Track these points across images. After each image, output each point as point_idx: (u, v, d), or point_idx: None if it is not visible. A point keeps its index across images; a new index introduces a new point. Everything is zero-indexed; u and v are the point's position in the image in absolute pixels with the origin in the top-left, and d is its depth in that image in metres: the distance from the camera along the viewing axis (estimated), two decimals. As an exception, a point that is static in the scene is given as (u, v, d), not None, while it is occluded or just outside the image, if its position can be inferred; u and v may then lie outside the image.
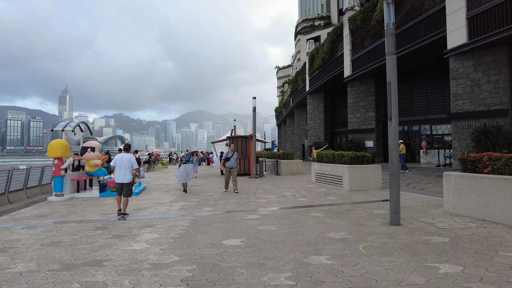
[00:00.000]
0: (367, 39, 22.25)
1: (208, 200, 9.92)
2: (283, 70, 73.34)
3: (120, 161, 7.81)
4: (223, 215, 7.57)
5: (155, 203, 9.53)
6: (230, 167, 11.91)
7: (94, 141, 12.72)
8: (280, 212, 7.84)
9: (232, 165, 11.94)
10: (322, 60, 28.91)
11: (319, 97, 33.48)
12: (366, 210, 7.96)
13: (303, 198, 10.05)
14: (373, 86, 23.86)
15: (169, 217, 7.41)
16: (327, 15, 59.63)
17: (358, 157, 11.94)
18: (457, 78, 14.87)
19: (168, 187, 13.80)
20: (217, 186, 14.16)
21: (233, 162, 11.96)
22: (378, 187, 11.94)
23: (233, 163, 11.96)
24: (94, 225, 6.74)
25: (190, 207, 8.71)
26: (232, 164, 11.95)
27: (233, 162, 11.96)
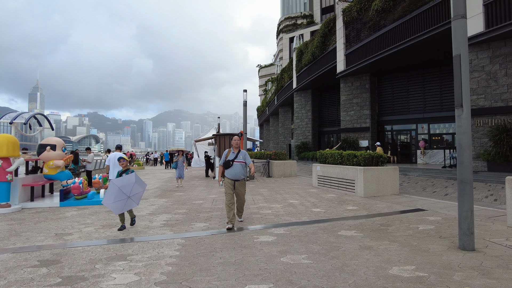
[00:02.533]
0: (364, 31, 20.79)
1: (198, 212, 7.89)
2: (265, 69, 71.71)
3: (114, 160, 8.91)
4: (224, 236, 5.59)
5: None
6: (235, 178, 6.26)
7: (55, 138, 10.38)
8: (299, 229, 5.95)
9: (237, 174, 6.27)
10: (312, 55, 27.32)
11: (306, 94, 31.95)
12: (407, 225, 6.21)
13: (315, 207, 8.21)
14: (368, 82, 22.47)
15: (151, 240, 5.36)
16: (309, 14, 58.57)
17: (373, 157, 10.25)
18: (471, 71, 13.52)
19: (146, 193, 11.62)
20: (204, 191, 12.10)
21: (239, 169, 6.29)
22: (395, 192, 10.30)
23: (240, 170, 6.31)
24: (39, 256, 4.60)
25: (177, 223, 6.67)
26: (238, 173, 6.28)
27: (239, 170, 6.29)
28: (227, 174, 6.29)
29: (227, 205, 6.07)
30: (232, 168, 6.24)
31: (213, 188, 13.09)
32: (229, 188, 6.23)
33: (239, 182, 6.30)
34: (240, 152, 6.38)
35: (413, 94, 22.04)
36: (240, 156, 6.33)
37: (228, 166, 6.25)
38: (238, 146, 6.46)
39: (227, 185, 6.26)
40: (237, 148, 6.46)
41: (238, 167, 6.27)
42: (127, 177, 6.01)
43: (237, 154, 6.35)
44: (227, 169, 6.28)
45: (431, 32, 15.52)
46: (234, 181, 6.25)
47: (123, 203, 5.91)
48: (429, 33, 15.62)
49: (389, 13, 18.39)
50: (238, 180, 6.28)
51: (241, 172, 6.29)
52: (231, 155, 6.36)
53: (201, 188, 13.15)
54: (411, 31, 16.82)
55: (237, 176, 6.25)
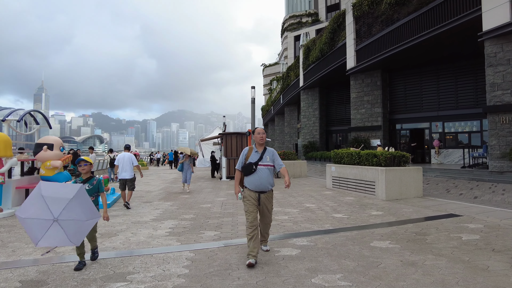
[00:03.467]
0: (376, 26, 19.95)
1: (207, 218, 7.15)
2: (269, 68, 70.95)
3: (122, 160, 8.88)
4: (239, 249, 4.84)
5: (132, 223, 6.68)
6: (260, 189, 4.31)
7: (53, 136, 9.69)
8: (325, 240, 5.19)
9: (263, 183, 4.30)
10: (320, 51, 26.50)
11: (314, 93, 31.13)
12: (446, 234, 5.43)
13: (336, 212, 7.44)
14: (380, 79, 21.62)
15: (155, 254, 4.62)
16: (314, 12, 57.78)
17: (395, 157, 9.46)
18: (495, 65, 12.67)
19: (150, 196, 10.91)
20: (211, 193, 11.37)
21: (266, 176, 4.32)
22: (419, 195, 9.50)
23: (267, 178, 4.34)
24: (23, 275, 3.88)
25: (184, 231, 5.93)
26: (264, 182, 4.31)
27: (266, 177, 4.32)
28: (248, 184, 4.29)
29: (249, 229, 4.13)
30: (256, 175, 4.24)
31: (220, 190, 12.36)
32: (251, 204, 4.23)
33: (265, 195, 4.33)
34: (266, 150, 4.40)
35: (426, 91, 21.16)
36: (267, 157, 4.36)
37: (249, 171, 4.26)
38: (264, 142, 4.45)
39: (248, 199, 4.25)
40: (262, 146, 4.44)
41: (265, 173, 4.28)
42: (64, 186, 3.50)
43: (263, 153, 4.37)
44: (248, 176, 4.28)
45: (449, 25, 14.68)
46: (259, 193, 4.28)
47: (42, 227, 3.25)
48: (447, 26, 14.78)
49: (403, 6, 17.56)
50: (265, 191, 4.31)
51: (268, 180, 4.31)
52: (254, 156, 4.35)
53: (208, 190, 12.43)
54: (427, 25, 15.98)
55: (263, 186, 4.26)
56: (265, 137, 4.44)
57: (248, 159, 4.38)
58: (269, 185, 4.34)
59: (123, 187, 8.83)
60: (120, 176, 8.83)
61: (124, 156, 8.99)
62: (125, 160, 8.88)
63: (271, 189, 4.43)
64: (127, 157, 8.92)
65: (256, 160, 4.31)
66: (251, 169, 4.28)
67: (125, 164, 8.84)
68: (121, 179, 8.82)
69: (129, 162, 8.89)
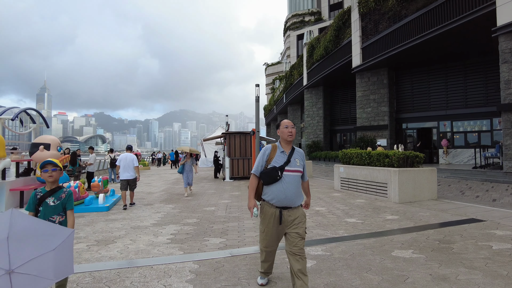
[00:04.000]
0: (382, 22, 19.46)
1: (211, 222, 6.71)
2: (272, 67, 70.47)
3: (124, 161, 8.83)
4: (248, 259, 4.39)
5: (132, 228, 6.25)
6: (285, 204, 3.09)
7: (50, 136, 9.29)
8: (341, 249, 4.74)
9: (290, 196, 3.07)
10: (324, 49, 26.02)
11: (318, 92, 30.65)
12: (472, 242, 4.97)
13: (349, 217, 6.99)
14: (386, 77, 21.12)
15: (155, 265, 4.19)
16: (317, 11, 57.28)
17: (408, 157, 8.99)
18: (510, 61, 12.17)
19: (151, 197, 10.49)
20: (215, 195, 10.94)
21: (294, 185, 3.10)
22: (433, 197, 9.03)
23: (296, 188, 3.12)
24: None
25: (187, 238, 5.50)
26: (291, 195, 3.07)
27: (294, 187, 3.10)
28: (269, 195, 3.10)
29: (264, 252, 3.30)
30: (281, 184, 3.04)
31: (224, 191, 11.93)
32: (272, 225, 3.10)
33: (291, 212, 3.07)
34: (294, 151, 3.20)
35: (434, 90, 20.66)
36: (297, 160, 3.16)
37: (273, 179, 3.05)
38: (293, 139, 3.23)
39: (267, 218, 3.11)
40: (289, 144, 3.23)
41: (293, 181, 3.08)
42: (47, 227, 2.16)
43: (291, 155, 3.15)
44: (270, 186, 3.09)
45: (460, 20, 14.17)
46: (281, 209, 3.06)
47: None
48: (458, 22, 14.27)
49: (412, 1, 17.07)
50: (291, 207, 3.08)
51: (297, 191, 3.10)
52: (279, 157, 3.13)
53: (211, 191, 11.99)
54: (437, 21, 15.48)
55: (289, 200, 3.05)
56: (294, 132, 3.22)
57: (271, 161, 3.12)
58: (298, 198, 3.11)
59: (125, 187, 8.78)
60: (122, 177, 8.78)
61: (126, 156, 8.95)
62: (128, 161, 8.87)
63: (300, 204, 3.21)
64: (129, 158, 8.91)
65: (283, 163, 3.08)
66: (276, 176, 3.04)
67: (127, 165, 8.82)
68: (123, 179, 8.77)
69: (131, 163, 8.89)
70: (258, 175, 3.21)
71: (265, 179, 3.11)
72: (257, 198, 3.26)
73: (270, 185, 3.10)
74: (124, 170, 8.82)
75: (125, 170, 8.81)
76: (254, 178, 3.23)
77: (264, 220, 3.17)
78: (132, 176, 8.87)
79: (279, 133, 3.26)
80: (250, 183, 3.25)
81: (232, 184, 14.48)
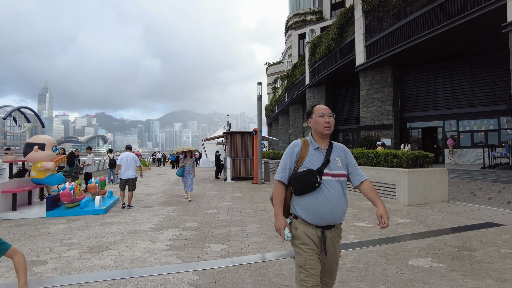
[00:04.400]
0: (387, 20, 19.08)
1: (212, 226, 6.35)
2: (273, 67, 70.15)
3: (126, 160, 8.71)
4: (252, 269, 4.03)
5: (128, 233, 5.90)
6: (328, 222, 2.21)
7: (44, 135, 8.95)
8: (353, 257, 4.38)
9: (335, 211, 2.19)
10: (327, 48, 25.64)
11: (320, 91, 30.27)
12: (494, 249, 4.59)
13: (357, 220, 6.62)
14: (390, 75, 20.74)
15: (150, 275, 3.83)
16: (319, 10, 56.92)
17: (418, 157, 8.62)
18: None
19: (150, 199, 10.14)
20: (216, 196, 10.59)
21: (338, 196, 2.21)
22: (443, 199, 8.65)
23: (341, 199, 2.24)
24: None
25: (187, 244, 5.14)
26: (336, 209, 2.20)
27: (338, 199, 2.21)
28: (305, 211, 2.23)
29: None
30: (322, 194, 2.20)
31: (225, 192, 11.58)
32: (312, 253, 2.20)
33: (334, 233, 2.29)
34: (333, 147, 2.38)
35: (439, 88, 20.26)
36: (337, 159, 2.33)
37: (310, 186, 2.20)
38: (332, 130, 2.37)
39: (305, 243, 2.21)
40: (326, 139, 2.40)
41: (336, 190, 2.25)
42: None
43: (329, 152, 2.32)
44: (305, 196, 2.23)
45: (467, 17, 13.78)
46: (323, 228, 2.22)
47: None
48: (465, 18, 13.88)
49: (417, -3, 16.68)
50: (334, 226, 2.27)
51: (342, 203, 2.26)
52: (315, 156, 2.30)
53: (212, 192, 11.64)
54: (443, 17, 15.08)
55: (333, 216, 2.22)
56: (333, 123, 2.35)
57: (303, 162, 2.25)
58: (344, 213, 2.28)
59: (124, 187, 8.70)
60: (123, 176, 8.70)
61: (127, 156, 8.85)
62: (129, 160, 8.79)
63: (339, 223, 2.31)
64: (130, 157, 8.83)
65: (320, 165, 2.23)
66: (314, 183, 2.17)
67: (129, 164, 8.75)
68: (123, 179, 8.69)
69: (133, 162, 8.84)
70: (287, 182, 2.29)
71: (298, 187, 2.20)
72: (287, 212, 2.33)
73: (305, 195, 2.21)
74: (126, 169, 8.71)
75: (126, 169, 8.71)
76: (281, 186, 2.30)
77: (300, 245, 2.19)
78: (133, 175, 8.77)
79: (311, 123, 2.41)
80: (274, 194, 2.31)
81: (233, 185, 14.13)
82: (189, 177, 10.00)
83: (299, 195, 2.23)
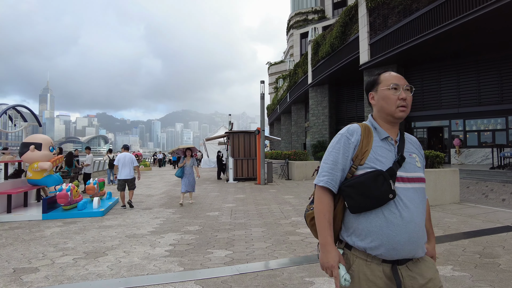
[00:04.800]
0: (392, 17, 18.73)
1: (215, 230, 6.04)
2: (275, 66, 69.85)
3: (123, 160, 8.55)
4: (260, 278, 3.71)
5: (127, 237, 5.60)
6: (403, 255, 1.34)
7: (41, 135, 8.67)
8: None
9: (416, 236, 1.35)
10: (330, 46, 25.30)
11: (323, 90, 29.93)
12: (519, 256, 4.27)
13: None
14: (395, 74, 20.34)
15: (150, 286, 3.52)
16: (321, 9, 56.57)
17: (428, 157, 8.29)
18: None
19: (150, 201, 9.85)
20: (218, 198, 10.28)
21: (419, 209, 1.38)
22: (455, 201, 8.32)
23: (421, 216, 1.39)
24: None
25: (188, 249, 4.83)
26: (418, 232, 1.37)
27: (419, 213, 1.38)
28: (368, 238, 1.36)
29: None
30: (397, 210, 1.35)
31: (228, 193, 11.27)
32: None
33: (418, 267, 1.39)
34: (405, 138, 1.54)
35: (445, 87, 19.89)
36: (414, 155, 1.50)
37: (380, 198, 1.34)
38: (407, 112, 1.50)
39: None
40: (396, 125, 1.54)
41: (416, 203, 1.40)
42: None
43: (401, 144, 1.48)
44: (367, 215, 1.37)
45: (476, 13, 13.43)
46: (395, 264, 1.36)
47: None
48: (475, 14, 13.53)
49: (423, -6, 16.33)
50: (413, 258, 1.39)
51: (421, 224, 1.39)
52: (383, 149, 1.45)
53: (214, 193, 11.33)
54: (450, 14, 14.73)
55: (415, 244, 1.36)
56: (410, 101, 1.53)
57: (366, 158, 1.42)
58: (424, 238, 1.43)
59: (123, 187, 8.58)
60: (120, 177, 8.56)
61: (125, 156, 8.72)
62: (126, 160, 8.64)
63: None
64: (128, 157, 8.70)
65: (391, 164, 1.42)
66: (386, 194, 1.35)
67: (126, 164, 8.61)
68: (121, 179, 8.56)
69: (130, 162, 8.69)
70: (336, 190, 1.45)
71: (358, 200, 1.38)
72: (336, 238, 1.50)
73: (368, 212, 1.38)
74: (123, 170, 8.57)
75: (124, 170, 8.57)
76: (327, 197, 1.44)
77: None
78: (131, 175, 8.65)
79: (375, 99, 1.57)
80: (318, 209, 1.44)
81: (236, 185, 13.82)
82: (189, 178, 9.10)
83: (358, 212, 1.39)
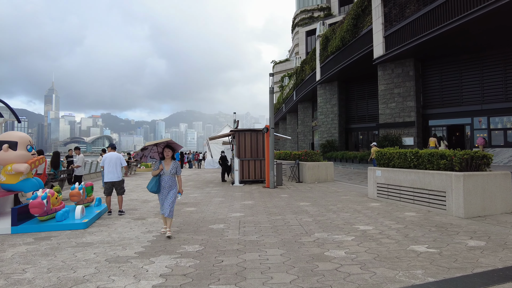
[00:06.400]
0: (410, 6, 17.37)
1: (220, 252, 4.74)
2: (280, 65, 68.58)
3: (109, 161, 7.84)
4: None
5: (107, 261, 4.31)
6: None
7: (17, 132, 7.44)
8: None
9: None
10: (341, 40, 23.96)
11: (332, 87, 28.60)
12: None
13: (414, 243, 4.95)
14: (412, 69, 19.02)
15: None
16: (327, 6, 55.22)
17: (473, 158, 6.94)
18: None
19: (145, 208, 8.59)
20: (223, 204, 9.00)
21: None
22: (508, 210, 6.97)
23: None
24: None
25: (184, 284, 3.53)
26: None
27: None
28: None
29: None
30: None
31: (234, 199, 9.99)
32: None
33: None
34: None
35: (467, 82, 18.48)
36: None
37: None
38: None
39: None
40: None
41: None
42: None
43: None
44: None
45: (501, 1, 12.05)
46: None
47: None
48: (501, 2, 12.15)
49: (446, -21, 14.95)
50: None
51: None
52: None
53: (218, 199, 10.06)
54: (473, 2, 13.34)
55: None
56: None
57: None
58: None
59: (110, 191, 7.85)
60: (106, 179, 7.82)
61: (111, 156, 7.98)
62: (113, 161, 7.92)
63: None
64: (114, 157, 7.97)
65: None
66: None
67: (112, 165, 7.87)
68: (107, 182, 7.83)
69: (117, 162, 7.97)
70: None
71: None
72: None
73: None
74: (109, 171, 7.81)
75: (109, 171, 7.82)
76: None
77: None
78: (118, 177, 7.91)
79: None
80: None
81: (242, 189, 12.54)
82: (169, 195, 5.64)
83: None
